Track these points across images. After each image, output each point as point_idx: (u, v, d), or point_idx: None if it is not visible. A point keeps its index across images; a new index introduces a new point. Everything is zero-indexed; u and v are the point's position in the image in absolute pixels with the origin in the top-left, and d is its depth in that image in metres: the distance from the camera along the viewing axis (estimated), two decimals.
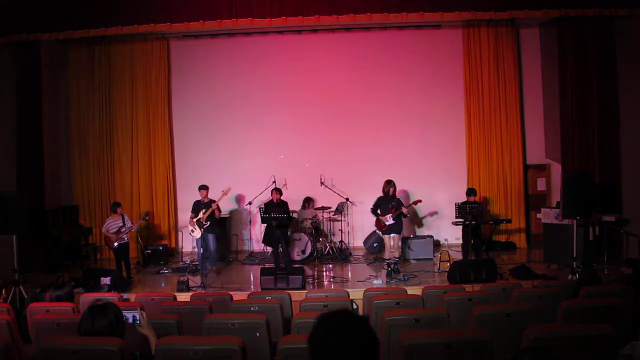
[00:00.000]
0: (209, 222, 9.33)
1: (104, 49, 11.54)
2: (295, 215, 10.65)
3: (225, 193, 9.49)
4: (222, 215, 10.03)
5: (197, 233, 9.38)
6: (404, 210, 9.29)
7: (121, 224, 9.08)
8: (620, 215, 9.47)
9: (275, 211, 9.21)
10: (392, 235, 9.34)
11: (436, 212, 11.52)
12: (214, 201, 9.41)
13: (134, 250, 10.47)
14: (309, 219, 10.69)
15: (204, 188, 9.53)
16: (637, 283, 5.19)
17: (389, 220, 9.25)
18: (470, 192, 9.93)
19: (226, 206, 11.50)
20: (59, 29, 9.82)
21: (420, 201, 9.78)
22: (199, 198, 9.58)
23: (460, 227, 9.68)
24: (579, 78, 9.93)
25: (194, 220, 9.39)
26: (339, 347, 1.92)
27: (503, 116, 11.32)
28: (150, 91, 11.66)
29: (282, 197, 9.75)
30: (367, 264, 10.07)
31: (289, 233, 10.05)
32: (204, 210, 9.34)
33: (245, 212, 11.49)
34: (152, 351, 3.36)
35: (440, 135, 11.62)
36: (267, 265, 9.49)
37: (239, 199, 11.60)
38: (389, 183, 9.46)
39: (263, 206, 9.53)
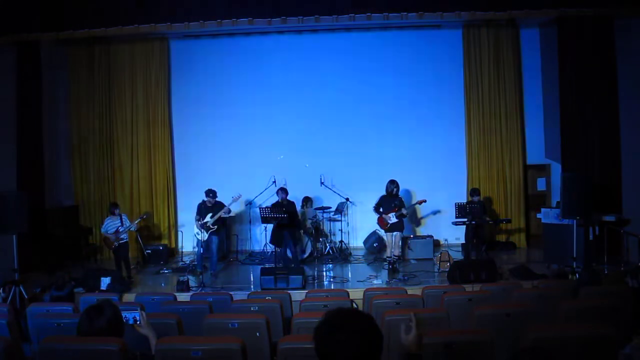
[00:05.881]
0: (216, 226, 9.28)
1: (104, 49, 11.54)
2: (303, 213, 10.67)
3: (235, 200, 9.46)
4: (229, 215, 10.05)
5: (203, 236, 9.31)
6: (404, 211, 9.62)
7: (119, 224, 9.08)
8: (620, 215, 9.46)
9: (277, 211, 9.22)
10: (394, 233, 9.66)
11: (437, 212, 11.52)
12: (221, 204, 9.34)
13: (134, 250, 10.48)
14: (309, 219, 10.69)
15: (212, 193, 9.41)
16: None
17: (392, 218, 9.47)
18: (474, 192, 9.99)
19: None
20: (59, 29, 9.82)
21: (425, 201, 9.93)
22: (203, 199, 9.48)
23: (460, 227, 9.71)
24: (579, 78, 9.92)
25: (200, 223, 9.30)
26: (345, 342, 1.96)
27: (503, 116, 11.32)
28: (150, 91, 11.66)
29: (288, 197, 9.76)
30: (367, 264, 10.07)
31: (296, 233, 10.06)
32: (211, 214, 9.27)
33: (245, 212, 11.49)
34: (152, 351, 3.36)
35: (440, 135, 11.62)
36: (267, 265, 9.49)
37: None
38: (393, 183, 9.72)
39: (270, 207, 9.54)
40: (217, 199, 9.44)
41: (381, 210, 9.72)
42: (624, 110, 9.87)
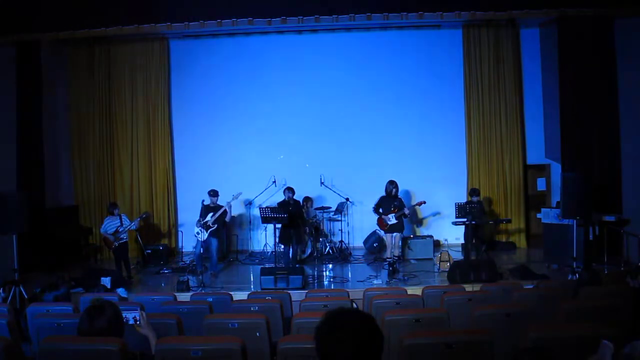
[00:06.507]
0: (216, 226, 9.32)
1: (104, 49, 11.54)
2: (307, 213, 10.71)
3: (235, 197, 9.52)
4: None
5: (203, 236, 9.35)
6: (405, 211, 9.52)
7: (119, 224, 9.08)
8: (620, 215, 9.46)
9: (282, 211, 9.24)
10: (394, 234, 9.60)
11: (437, 212, 11.52)
12: (222, 206, 9.39)
13: (134, 250, 10.48)
14: (309, 219, 10.69)
15: (213, 192, 9.48)
16: None
17: (391, 219, 9.44)
18: (473, 192, 9.98)
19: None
20: (59, 29, 9.83)
21: (424, 202, 9.87)
22: (204, 200, 9.55)
23: (460, 227, 9.70)
24: (579, 78, 9.92)
25: (201, 223, 9.33)
26: (346, 342, 1.96)
27: (503, 116, 11.32)
28: (150, 91, 11.66)
29: (294, 197, 9.85)
30: (367, 264, 10.07)
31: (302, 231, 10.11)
32: (211, 214, 9.32)
33: (246, 212, 11.50)
34: (152, 351, 3.36)
35: (440, 135, 11.62)
36: (267, 265, 9.50)
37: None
38: (392, 183, 9.68)
39: (276, 206, 9.59)
40: (218, 202, 9.47)
41: (380, 211, 9.70)
42: (624, 110, 9.87)
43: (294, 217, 9.51)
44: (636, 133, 9.62)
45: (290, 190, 9.78)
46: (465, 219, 9.34)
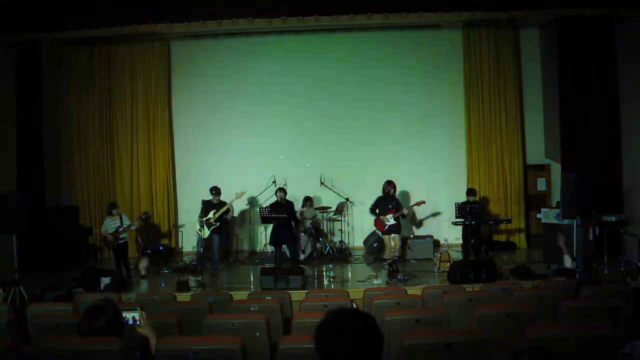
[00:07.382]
0: (218, 223, 9.37)
1: (104, 49, 11.53)
2: (302, 212, 10.71)
3: (239, 196, 9.58)
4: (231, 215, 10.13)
5: (205, 233, 9.38)
6: (405, 211, 9.44)
7: (119, 224, 9.08)
8: (621, 215, 9.46)
9: (276, 211, 9.24)
10: (392, 235, 9.55)
11: (437, 213, 11.51)
12: (225, 203, 9.43)
13: (134, 250, 10.47)
14: (309, 218, 10.68)
15: (216, 191, 9.51)
16: None
17: (390, 220, 9.39)
18: (470, 192, 9.97)
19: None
20: (59, 29, 9.81)
21: (424, 202, 9.84)
22: (203, 199, 9.57)
23: (460, 227, 9.69)
24: (579, 78, 9.91)
25: (202, 220, 9.36)
26: (346, 342, 1.96)
27: (503, 116, 11.31)
28: (150, 91, 11.66)
29: (287, 197, 9.88)
30: (367, 264, 10.07)
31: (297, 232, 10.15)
32: (214, 211, 9.33)
33: (246, 212, 11.49)
34: (152, 351, 3.35)
35: (440, 135, 11.62)
36: (267, 265, 9.50)
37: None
38: (390, 184, 9.63)
39: (269, 207, 9.60)
40: (221, 199, 9.49)
41: (377, 211, 9.65)
42: (624, 110, 9.87)
43: (288, 217, 9.50)
44: (637, 133, 9.62)
45: (282, 190, 9.85)
46: (464, 219, 9.33)
